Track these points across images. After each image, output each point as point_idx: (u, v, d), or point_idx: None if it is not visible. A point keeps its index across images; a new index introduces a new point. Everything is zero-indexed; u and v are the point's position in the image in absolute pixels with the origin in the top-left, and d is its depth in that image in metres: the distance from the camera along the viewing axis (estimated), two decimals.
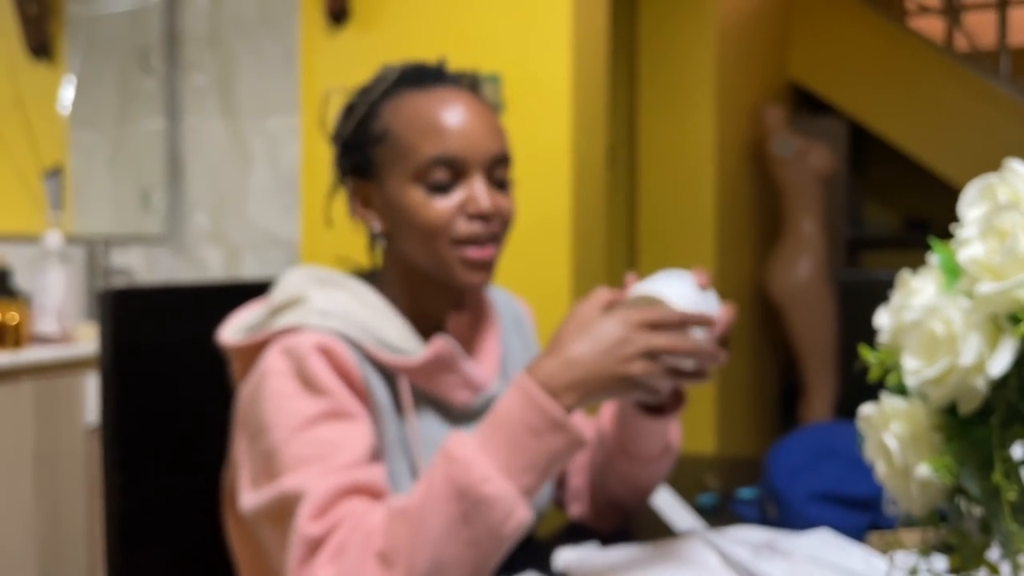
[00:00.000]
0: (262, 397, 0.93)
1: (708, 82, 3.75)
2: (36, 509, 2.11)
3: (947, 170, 4.92)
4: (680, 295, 0.94)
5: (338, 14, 2.63)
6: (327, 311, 0.97)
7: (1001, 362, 0.57)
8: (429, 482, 0.86)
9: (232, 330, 1.03)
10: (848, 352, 1.64)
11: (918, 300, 0.63)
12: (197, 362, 1.19)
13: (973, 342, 0.58)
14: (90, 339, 2.35)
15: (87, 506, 2.23)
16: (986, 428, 0.58)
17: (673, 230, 3.81)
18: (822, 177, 4.52)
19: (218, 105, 2.86)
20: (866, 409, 0.66)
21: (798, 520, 1.12)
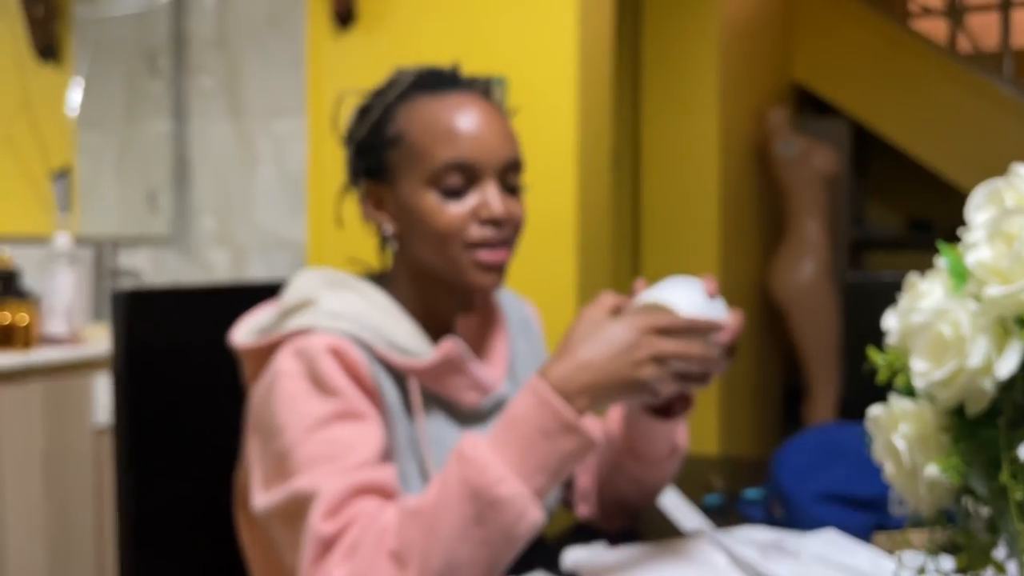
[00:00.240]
0: (274, 398, 0.94)
1: (711, 84, 3.76)
2: (45, 509, 2.12)
3: (950, 171, 4.92)
4: (688, 302, 0.95)
5: (345, 16, 2.64)
6: (338, 313, 0.98)
7: (1008, 364, 0.58)
8: (443, 482, 0.86)
9: (244, 332, 1.04)
10: (851, 353, 1.65)
11: (926, 303, 0.63)
12: (209, 363, 1.19)
13: (981, 344, 0.58)
14: (99, 340, 2.36)
15: (96, 506, 2.24)
16: (993, 429, 0.59)
17: (677, 231, 3.82)
18: (825, 178, 4.52)
19: (225, 107, 2.87)
20: (875, 410, 0.67)
21: (805, 520, 1.13)
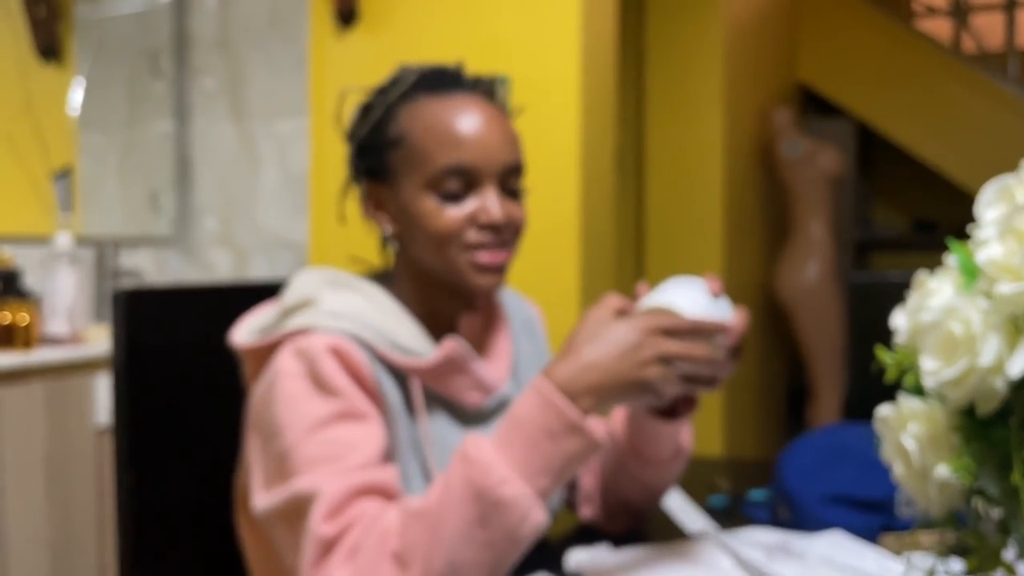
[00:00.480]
0: (274, 398, 0.93)
1: (716, 84, 3.75)
2: (46, 509, 2.11)
3: (955, 171, 4.92)
4: (693, 303, 0.94)
5: (347, 16, 2.64)
6: (339, 312, 0.97)
7: (1020, 363, 0.57)
8: (446, 483, 0.86)
9: (244, 332, 1.03)
10: (857, 354, 1.64)
11: (936, 301, 0.62)
12: (209, 363, 1.19)
13: (992, 343, 0.58)
14: (100, 340, 2.35)
15: (97, 506, 2.23)
16: (1005, 429, 0.58)
17: (681, 232, 3.81)
18: (830, 179, 4.51)
19: (227, 107, 2.86)
20: (884, 410, 0.66)
21: (811, 522, 1.12)
